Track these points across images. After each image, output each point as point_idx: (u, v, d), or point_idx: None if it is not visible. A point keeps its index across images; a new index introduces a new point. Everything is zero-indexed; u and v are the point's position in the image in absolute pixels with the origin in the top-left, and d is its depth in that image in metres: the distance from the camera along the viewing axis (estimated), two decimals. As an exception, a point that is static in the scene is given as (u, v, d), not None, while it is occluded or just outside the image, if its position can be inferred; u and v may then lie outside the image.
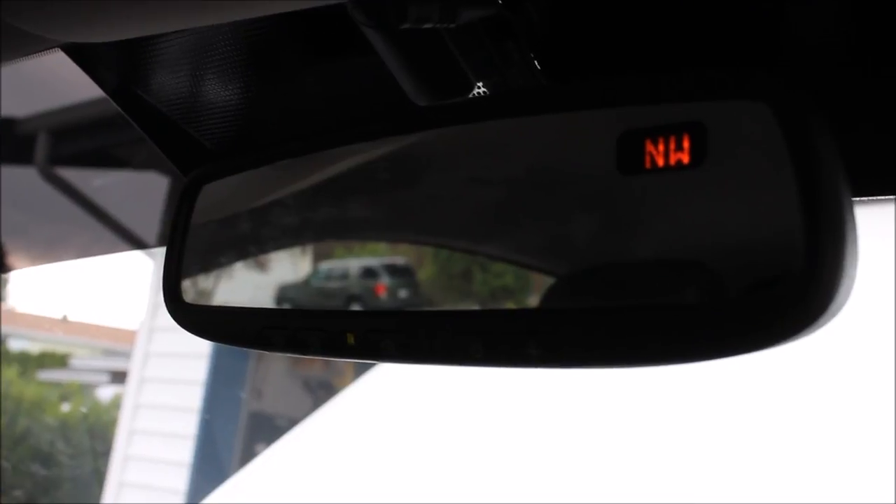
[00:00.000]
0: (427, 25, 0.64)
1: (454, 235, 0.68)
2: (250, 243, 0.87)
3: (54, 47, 0.85)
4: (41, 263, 2.15)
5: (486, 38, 0.70)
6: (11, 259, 2.08)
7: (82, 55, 0.92)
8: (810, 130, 0.49)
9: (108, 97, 0.98)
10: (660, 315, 0.54)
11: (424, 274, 0.71)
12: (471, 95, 0.75)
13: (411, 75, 0.73)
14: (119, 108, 0.98)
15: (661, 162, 0.54)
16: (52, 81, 1.77)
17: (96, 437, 6.84)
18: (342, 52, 0.85)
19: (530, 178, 0.62)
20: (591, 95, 0.59)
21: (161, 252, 0.93)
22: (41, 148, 1.98)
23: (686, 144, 0.53)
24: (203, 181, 0.86)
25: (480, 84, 0.75)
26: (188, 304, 0.85)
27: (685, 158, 0.53)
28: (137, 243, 1.98)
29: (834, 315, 0.49)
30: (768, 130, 0.50)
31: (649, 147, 0.54)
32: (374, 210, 0.73)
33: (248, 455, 5.79)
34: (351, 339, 0.67)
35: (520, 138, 0.63)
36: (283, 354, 0.79)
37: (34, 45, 0.82)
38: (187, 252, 0.86)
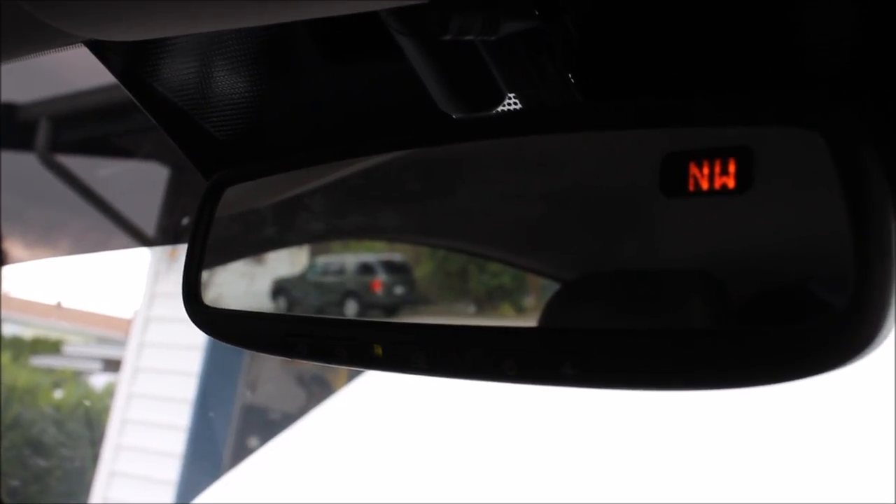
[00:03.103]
0: (468, 37, 0.63)
1: (487, 247, 0.67)
2: (268, 242, 0.86)
3: (77, 42, 0.84)
4: (38, 252, 2.13)
5: (522, 51, 0.69)
6: (8, 246, 2.06)
7: (102, 48, 0.91)
8: (864, 163, 0.48)
9: (114, 87, 0.97)
10: (699, 340, 0.54)
11: (421, 272, 0.70)
12: (503, 107, 0.74)
13: (443, 84, 0.72)
14: (133, 99, 0.97)
15: (705, 185, 0.53)
16: (54, 69, 1.76)
17: (89, 425, 6.82)
18: (366, 55, 0.84)
19: (568, 195, 0.62)
20: (635, 115, 0.58)
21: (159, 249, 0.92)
22: (42, 134, 1.97)
23: (732, 169, 0.52)
24: (226, 184, 0.85)
25: (512, 95, 0.74)
26: (208, 306, 0.84)
27: (730, 183, 0.52)
28: (139, 238, 1.97)
29: (882, 341, 0.48)
30: (819, 160, 0.49)
31: (693, 170, 0.54)
32: (403, 219, 0.72)
33: (240, 448, 5.77)
34: (378, 351, 0.67)
35: (558, 155, 0.62)
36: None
37: (59, 40, 0.81)
38: (207, 253, 0.85)
